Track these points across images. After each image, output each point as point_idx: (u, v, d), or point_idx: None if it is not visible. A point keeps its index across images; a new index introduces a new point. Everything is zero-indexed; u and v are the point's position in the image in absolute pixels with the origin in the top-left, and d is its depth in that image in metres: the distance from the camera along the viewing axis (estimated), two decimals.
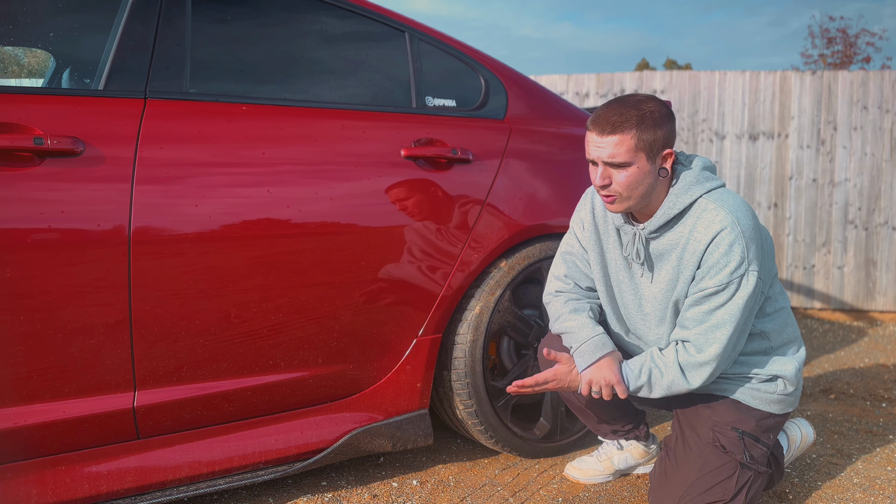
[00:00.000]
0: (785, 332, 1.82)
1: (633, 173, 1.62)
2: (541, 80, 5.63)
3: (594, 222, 1.86)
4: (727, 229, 1.62)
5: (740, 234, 1.62)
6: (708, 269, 1.64)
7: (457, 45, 2.28)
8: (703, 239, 1.64)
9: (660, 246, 1.73)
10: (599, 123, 1.63)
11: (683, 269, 1.69)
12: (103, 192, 1.59)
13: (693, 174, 1.70)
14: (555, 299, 1.92)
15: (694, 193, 1.67)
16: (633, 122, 1.60)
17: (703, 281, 1.66)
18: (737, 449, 1.76)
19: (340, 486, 2.08)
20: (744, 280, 1.63)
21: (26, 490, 1.57)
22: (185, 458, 1.76)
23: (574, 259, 1.92)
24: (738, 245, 1.61)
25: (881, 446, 2.49)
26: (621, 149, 1.61)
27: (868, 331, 4.78)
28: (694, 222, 1.67)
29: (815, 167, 5.25)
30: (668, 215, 1.68)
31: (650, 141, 1.62)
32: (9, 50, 2.00)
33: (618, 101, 1.65)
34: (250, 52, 1.93)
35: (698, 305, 1.67)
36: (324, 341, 1.91)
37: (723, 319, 1.65)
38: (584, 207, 1.91)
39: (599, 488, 2.11)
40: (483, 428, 2.18)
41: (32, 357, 1.55)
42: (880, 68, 19.87)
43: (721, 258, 1.62)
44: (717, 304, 1.65)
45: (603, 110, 1.64)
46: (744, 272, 1.62)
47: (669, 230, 1.70)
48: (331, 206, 1.87)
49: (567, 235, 1.97)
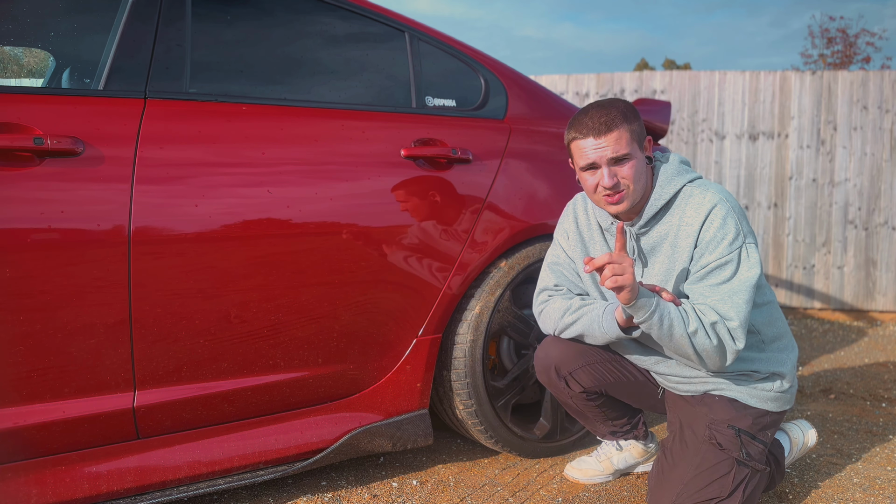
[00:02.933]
0: (775, 325, 1.84)
1: (634, 164, 1.70)
2: (541, 80, 5.63)
3: (578, 230, 1.92)
4: (718, 205, 1.69)
5: (731, 209, 1.69)
6: (706, 244, 1.68)
7: (457, 45, 2.28)
8: (696, 220, 1.70)
9: (650, 240, 1.78)
10: (591, 128, 1.69)
11: (678, 255, 1.73)
12: (103, 192, 1.59)
13: (672, 167, 1.79)
14: (552, 299, 1.92)
15: (677, 183, 1.75)
16: (621, 118, 1.69)
17: (703, 258, 1.69)
18: (733, 446, 1.76)
19: (340, 486, 2.08)
20: (744, 252, 1.67)
21: (26, 490, 1.57)
22: (185, 458, 1.76)
23: (562, 269, 1.94)
24: (731, 218, 1.68)
25: (881, 446, 2.49)
26: (622, 143, 1.68)
27: (868, 331, 4.78)
28: (683, 209, 1.73)
29: (815, 167, 5.25)
30: (656, 206, 1.74)
31: (638, 132, 1.72)
32: (9, 50, 2.00)
33: (593, 107, 1.72)
34: (250, 52, 1.93)
35: (704, 280, 1.70)
36: (324, 341, 1.91)
37: (734, 288, 1.66)
38: (566, 218, 1.97)
39: (599, 488, 2.11)
40: (483, 428, 2.18)
41: (32, 357, 1.55)
42: (880, 68, 19.89)
43: (717, 231, 1.67)
44: (725, 278, 1.67)
45: (585, 118, 1.70)
46: (742, 244, 1.67)
47: (658, 223, 1.76)
48: (331, 206, 1.87)
49: (552, 248, 1.99)
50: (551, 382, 1.97)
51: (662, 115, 2.65)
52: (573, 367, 1.92)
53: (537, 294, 1.97)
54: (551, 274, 1.95)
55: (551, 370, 1.94)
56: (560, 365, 1.92)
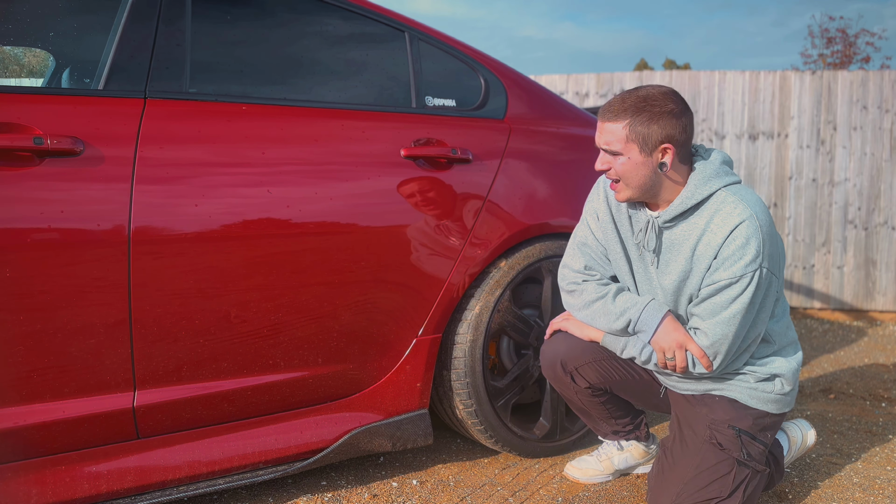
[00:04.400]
0: (787, 334, 1.84)
1: (626, 163, 1.67)
2: (541, 79, 5.63)
3: (609, 210, 1.87)
4: (746, 223, 1.63)
5: (758, 229, 1.63)
6: (723, 260, 1.65)
7: (456, 45, 2.28)
8: (722, 231, 1.65)
9: (673, 236, 1.74)
10: (605, 111, 1.69)
11: (698, 260, 1.70)
12: (103, 191, 1.59)
13: (712, 167, 1.72)
14: (587, 284, 1.88)
15: (713, 186, 1.69)
16: (629, 114, 1.64)
17: (717, 272, 1.67)
18: (734, 446, 1.76)
19: (340, 486, 2.08)
20: (755, 275, 1.64)
21: (26, 490, 1.57)
22: (185, 458, 1.76)
23: (590, 252, 1.91)
24: (755, 239, 1.63)
25: (881, 446, 2.49)
26: (612, 137, 1.66)
27: (868, 331, 4.78)
28: (712, 214, 1.68)
29: (815, 167, 5.25)
30: (686, 205, 1.70)
31: (643, 134, 1.64)
32: (9, 50, 2.00)
33: (630, 91, 1.69)
34: (250, 51, 1.93)
35: (711, 298, 1.69)
36: (324, 341, 1.91)
37: (733, 314, 1.66)
38: (596, 197, 1.91)
39: (599, 488, 2.11)
40: (483, 428, 2.18)
41: (32, 357, 1.55)
42: (880, 68, 19.87)
43: (737, 250, 1.63)
44: (730, 298, 1.66)
45: (610, 100, 1.70)
46: (756, 267, 1.64)
47: (684, 220, 1.72)
48: (331, 206, 1.87)
49: (580, 226, 1.95)
50: (557, 377, 1.96)
51: None
52: (580, 362, 1.92)
53: (566, 273, 1.92)
54: (580, 255, 1.91)
55: (557, 365, 1.94)
56: (567, 360, 1.92)
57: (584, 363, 1.92)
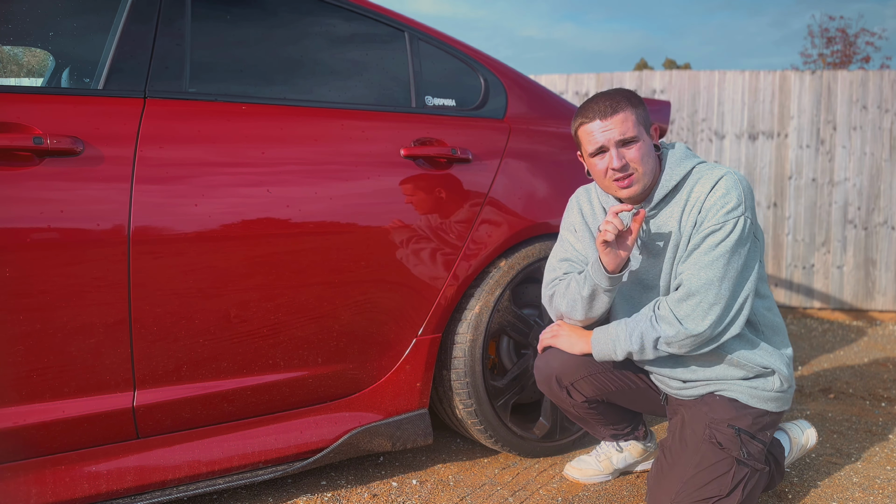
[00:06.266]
0: (774, 320, 1.86)
1: (641, 147, 1.72)
2: (541, 79, 5.63)
3: (584, 222, 1.92)
4: (726, 177, 1.72)
5: (738, 182, 1.72)
6: (707, 210, 1.71)
7: (456, 45, 2.28)
8: (704, 190, 1.73)
9: (658, 221, 1.79)
10: (598, 111, 1.72)
11: (685, 227, 1.75)
12: (103, 191, 1.59)
13: (680, 152, 1.82)
14: (563, 280, 1.89)
15: (688, 165, 1.78)
16: (626, 102, 1.73)
17: (703, 224, 1.71)
18: (733, 445, 1.76)
19: (340, 486, 2.08)
20: (738, 222, 1.68)
21: (26, 490, 1.57)
22: (185, 458, 1.76)
23: (572, 264, 1.91)
24: (735, 190, 1.70)
25: (880, 446, 2.49)
26: (628, 124, 1.71)
27: (867, 330, 4.78)
28: (692, 186, 1.76)
29: (815, 167, 5.25)
30: (668, 188, 1.76)
31: (643, 116, 1.74)
32: (9, 50, 2.00)
33: (598, 95, 1.77)
34: (249, 51, 1.93)
35: (696, 250, 1.72)
36: (323, 341, 1.91)
37: (716, 257, 1.69)
38: (571, 213, 1.97)
39: (599, 488, 2.11)
40: (482, 427, 2.18)
41: (32, 356, 1.55)
42: (880, 68, 19.86)
43: (720, 199, 1.69)
44: (713, 244, 1.69)
45: (591, 104, 1.74)
46: (739, 214, 1.69)
47: (667, 204, 1.78)
48: (330, 206, 1.87)
49: (558, 245, 1.96)
50: (553, 392, 1.96)
51: (662, 115, 2.65)
52: (575, 377, 1.91)
53: (546, 286, 1.93)
54: (561, 270, 1.91)
55: (553, 381, 1.93)
56: (561, 375, 1.92)
57: (580, 378, 1.91)
